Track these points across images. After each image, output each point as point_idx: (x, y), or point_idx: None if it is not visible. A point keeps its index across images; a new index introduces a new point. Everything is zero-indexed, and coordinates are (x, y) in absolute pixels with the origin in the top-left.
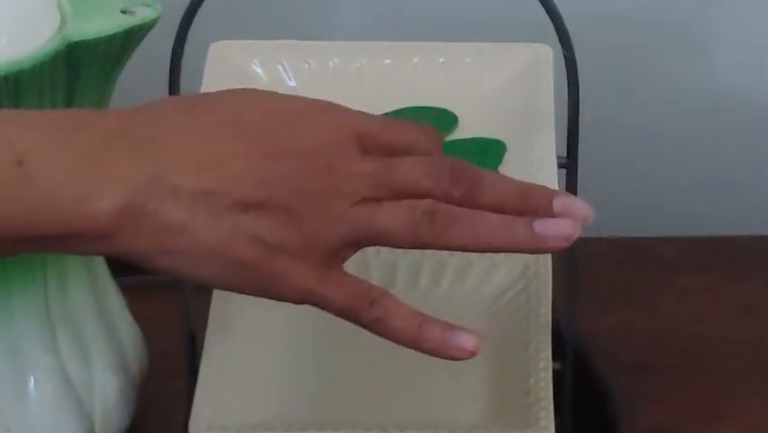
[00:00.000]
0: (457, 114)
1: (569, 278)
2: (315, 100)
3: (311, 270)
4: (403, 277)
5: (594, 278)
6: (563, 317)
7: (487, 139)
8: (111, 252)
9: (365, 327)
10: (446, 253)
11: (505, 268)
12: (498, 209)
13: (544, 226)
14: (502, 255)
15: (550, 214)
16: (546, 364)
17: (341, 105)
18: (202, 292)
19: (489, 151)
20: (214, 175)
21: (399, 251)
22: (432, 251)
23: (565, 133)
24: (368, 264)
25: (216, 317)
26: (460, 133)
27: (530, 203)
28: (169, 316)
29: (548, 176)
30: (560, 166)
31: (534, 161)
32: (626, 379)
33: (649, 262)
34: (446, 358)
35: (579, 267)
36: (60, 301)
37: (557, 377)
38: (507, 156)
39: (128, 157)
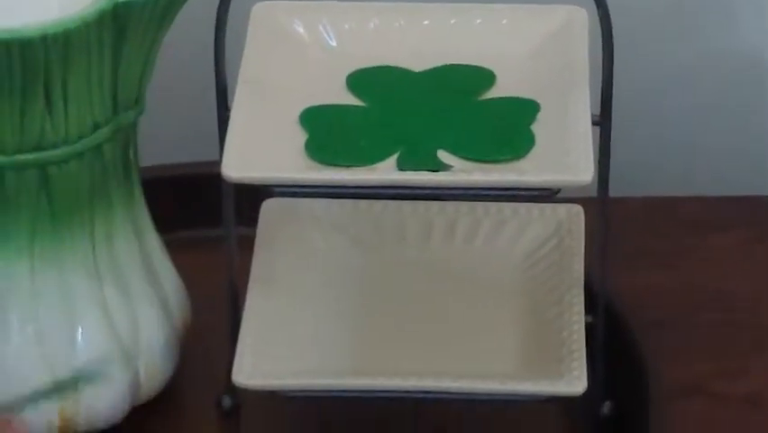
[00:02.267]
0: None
1: (601, 235)
2: None
3: None
4: (439, 234)
5: (625, 236)
6: (595, 273)
7: (521, 99)
8: None
9: None
10: (481, 210)
11: (538, 225)
12: None
13: None
14: (536, 212)
15: None
16: (579, 318)
17: None
18: (245, 247)
19: (523, 110)
20: None
21: (435, 209)
22: (467, 209)
23: (599, 92)
24: (404, 220)
25: (258, 271)
26: (495, 93)
27: None
28: (212, 270)
29: (582, 134)
30: (594, 124)
31: (568, 120)
32: (655, 334)
33: (678, 221)
34: None
35: (610, 225)
36: (107, 256)
37: (589, 331)
38: (542, 115)
39: None
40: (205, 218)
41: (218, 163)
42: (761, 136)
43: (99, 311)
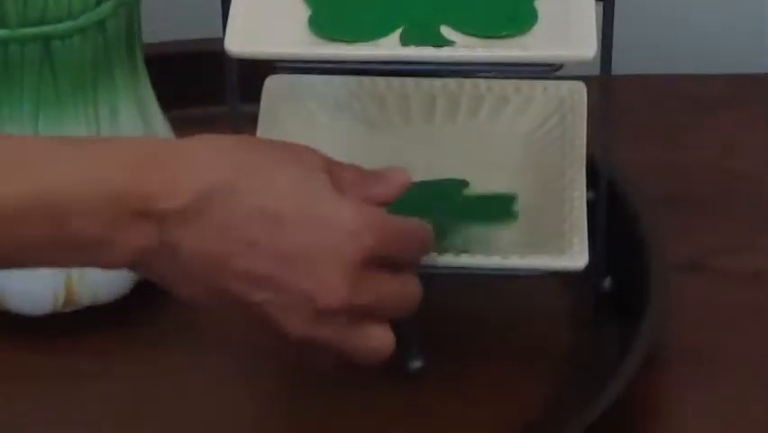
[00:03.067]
0: None
1: (603, 111)
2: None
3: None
4: (442, 111)
5: (628, 113)
6: (598, 150)
7: None
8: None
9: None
10: (484, 87)
11: (541, 102)
12: None
13: None
14: (539, 89)
15: None
16: (581, 194)
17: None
18: (248, 124)
19: None
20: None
21: (438, 84)
22: (470, 85)
23: None
24: (407, 96)
25: None
26: None
27: None
28: None
29: (585, 10)
30: (597, 0)
31: None
32: (657, 210)
33: (682, 99)
34: None
35: (614, 102)
36: (111, 132)
37: (591, 207)
38: None
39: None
40: (208, 95)
41: (222, 40)
42: (765, 15)
43: None
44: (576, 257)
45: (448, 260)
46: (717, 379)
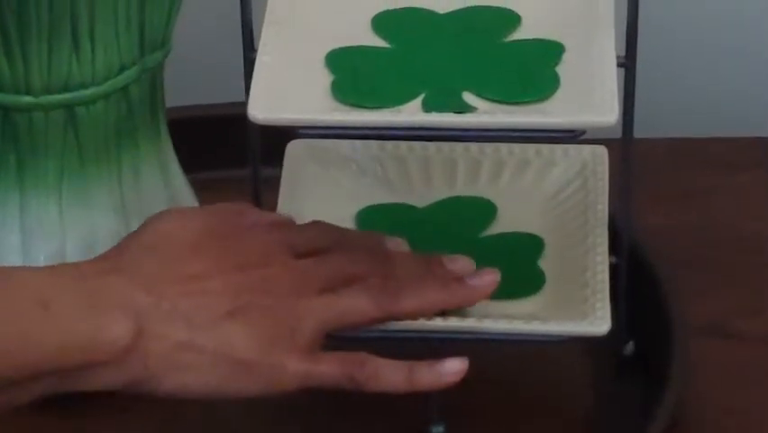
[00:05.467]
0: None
1: (625, 174)
2: (237, 215)
3: (301, 355)
4: (464, 175)
5: (650, 176)
6: (620, 213)
7: (545, 40)
8: (125, 379)
9: (361, 387)
10: (505, 151)
11: (563, 166)
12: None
13: (475, 280)
14: (560, 153)
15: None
16: (603, 258)
17: (256, 215)
18: (270, 188)
19: (548, 51)
20: (200, 293)
21: (459, 150)
22: (492, 150)
23: (624, 32)
24: (429, 160)
25: (284, 211)
26: (520, 34)
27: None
28: None
29: (607, 75)
30: (619, 65)
31: (593, 61)
32: (678, 274)
33: (701, 162)
34: (442, 387)
35: (635, 165)
36: (134, 194)
37: (613, 271)
38: (566, 56)
39: (126, 291)
40: (230, 159)
41: (244, 104)
42: None
43: None
44: (599, 322)
45: (469, 325)
46: None
